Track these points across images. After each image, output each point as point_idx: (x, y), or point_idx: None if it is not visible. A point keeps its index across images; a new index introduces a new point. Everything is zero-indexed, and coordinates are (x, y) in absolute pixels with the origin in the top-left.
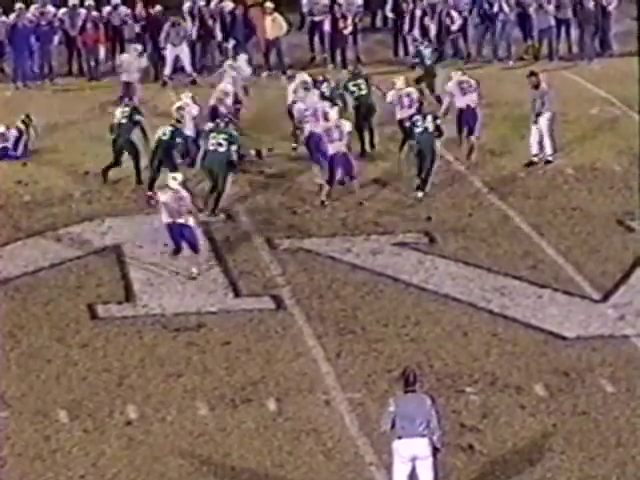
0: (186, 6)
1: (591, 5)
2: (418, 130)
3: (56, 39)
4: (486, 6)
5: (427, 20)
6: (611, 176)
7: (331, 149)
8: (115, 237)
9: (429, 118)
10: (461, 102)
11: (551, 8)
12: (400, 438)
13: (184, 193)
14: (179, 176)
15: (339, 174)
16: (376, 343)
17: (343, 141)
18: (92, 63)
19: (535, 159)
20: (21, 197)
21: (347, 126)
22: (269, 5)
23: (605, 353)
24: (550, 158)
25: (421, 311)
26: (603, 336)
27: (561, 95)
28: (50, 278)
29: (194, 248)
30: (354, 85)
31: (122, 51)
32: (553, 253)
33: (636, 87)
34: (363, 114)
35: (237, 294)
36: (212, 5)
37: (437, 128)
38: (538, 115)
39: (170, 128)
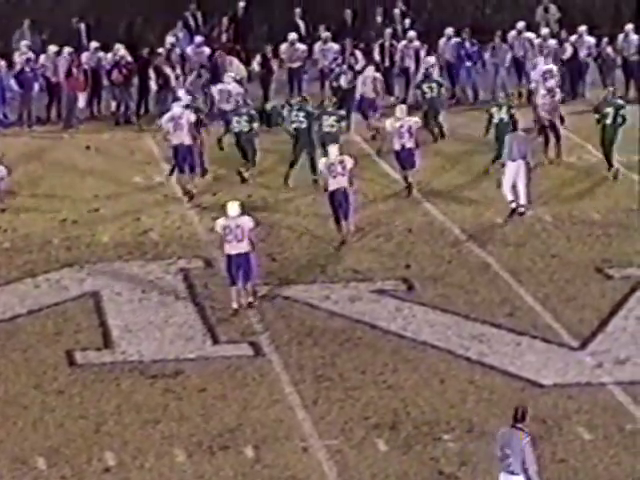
0: (165, 50)
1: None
2: None
3: (36, 86)
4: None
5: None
6: (589, 223)
7: (333, 184)
8: (94, 283)
9: None
10: (397, 144)
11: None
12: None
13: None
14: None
15: (341, 210)
16: (353, 390)
17: (345, 176)
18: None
19: (514, 205)
20: (0, 244)
21: (350, 162)
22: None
23: (582, 401)
24: (523, 210)
25: (399, 358)
26: (580, 384)
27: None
28: (28, 325)
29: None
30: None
31: (99, 98)
32: (531, 300)
33: None
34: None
35: (215, 341)
36: (189, 50)
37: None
38: (513, 161)
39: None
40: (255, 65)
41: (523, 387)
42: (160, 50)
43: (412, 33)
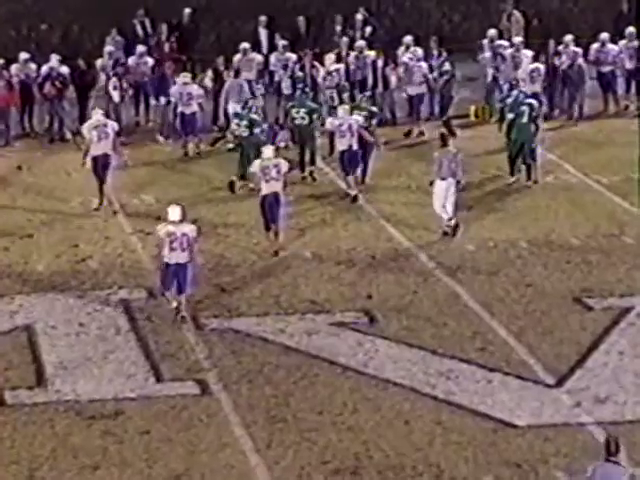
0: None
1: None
2: None
3: None
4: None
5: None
6: (568, 250)
7: (266, 189)
8: (26, 316)
9: None
10: (340, 144)
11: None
12: None
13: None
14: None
15: (270, 220)
16: (310, 432)
17: (280, 181)
18: (2, 127)
19: (452, 222)
20: None
21: (284, 165)
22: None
23: (560, 443)
24: (448, 230)
25: (359, 397)
26: (557, 424)
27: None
28: None
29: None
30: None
31: (31, 113)
32: (504, 334)
33: (593, 153)
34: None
35: (159, 379)
36: (131, 61)
37: None
38: (443, 179)
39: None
40: (207, 80)
41: (495, 428)
42: (99, 61)
43: (361, 42)
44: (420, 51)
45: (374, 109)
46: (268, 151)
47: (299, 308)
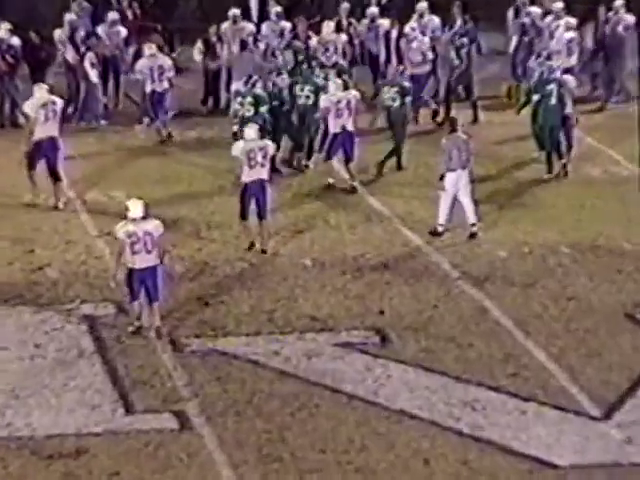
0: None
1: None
2: None
3: None
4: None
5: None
6: (619, 256)
7: (249, 175)
8: None
9: None
10: (334, 125)
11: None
12: None
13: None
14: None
15: (248, 211)
16: (310, 474)
17: (266, 167)
18: None
19: (440, 229)
20: None
21: (272, 148)
22: None
23: None
24: (475, 229)
25: (369, 432)
26: (605, 464)
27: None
28: None
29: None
30: None
31: None
32: (542, 356)
33: None
34: None
35: (129, 410)
36: (100, 31)
37: None
38: (452, 171)
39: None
40: (196, 53)
41: (531, 469)
42: (58, 31)
43: (373, 9)
44: (436, 20)
45: (407, 84)
46: (251, 131)
47: (297, 326)
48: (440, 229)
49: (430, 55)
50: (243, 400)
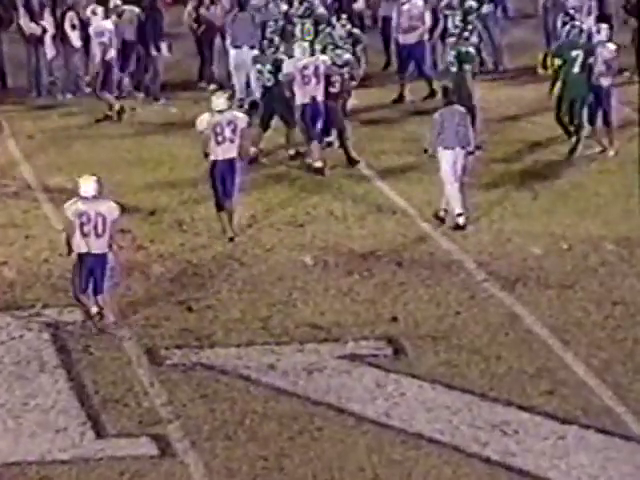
0: None
1: None
2: None
3: None
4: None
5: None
6: None
7: (218, 153)
8: None
9: None
10: (302, 95)
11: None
12: None
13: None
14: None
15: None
16: None
17: (235, 143)
18: None
19: (461, 220)
20: None
21: (243, 121)
22: None
23: None
24: (461, 221)
25: (381, 459)
26: None
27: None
28: None
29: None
30: None
31: None
32: (582, 371)
33: None
34: None
35: (100, 433)
36: None
37: None
38: (448, 148)
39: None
40: (186, 17)
41: None
42: None
43: None
44: None
45: (357, 32)
46: (220, 101)
47: (296, 335)
48: (461, 221)
49: (428, 21)
50: (233, 422)
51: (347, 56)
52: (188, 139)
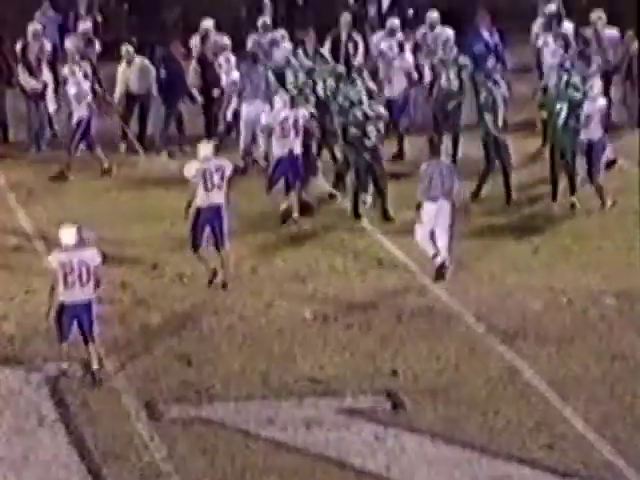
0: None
1: None
2: None
3: None
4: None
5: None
6: None
7: (205, 199)
8: None
9: None
10: (279, 147)
11: None
12: None
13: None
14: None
15: (203, 241)
16: None
17: (223, 190)
18: None
19: (439, 260)
20: None
21: (229, 168)
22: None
23: None
24: (444, 270)
25: None
26: None
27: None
28: None
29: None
30: None
31: None
32: (581, 425)
33: None
34: None
35: None
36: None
37: None
38: (434, 200)
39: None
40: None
41: None
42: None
43: (394, 22)
44: (449, 34)
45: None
46: (207, 148)
47: (295, 389)
48: (439, 260)
49: (415, 76)
50: (234, 476)
51: (381, 109)
52: (188, 194)
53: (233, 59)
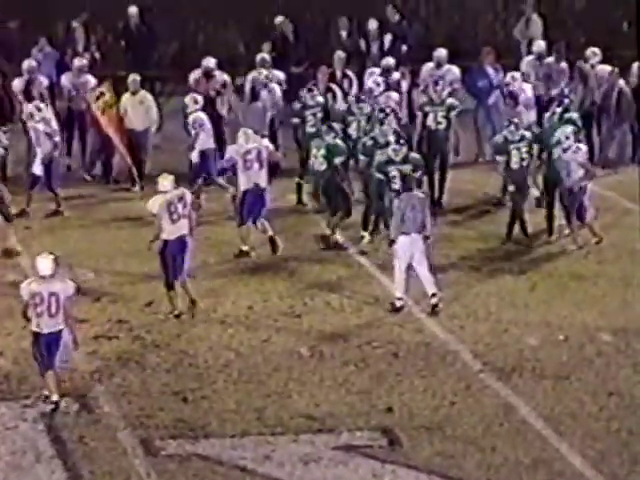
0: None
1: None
2: None
3: None
4: None
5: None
6: None
7: (171, 232)
8: None
9: None
10: (245, 181)
11: None
12: None
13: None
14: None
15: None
16: None
17: (187, 220)
18: None
19: (399, 303)
20: None
21: (189, 197)
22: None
23: None
24: (435, 301)
25: None
26: None
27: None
28: None
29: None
30: None
31: None
32: (578, 462)
33: None
34: None
35: None
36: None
37: None
38: (406, 234)
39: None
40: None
41: None
42: (17, 82)
43: (389, 60)
44: (455, 72)
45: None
46: (166, 181)
47: (291, 426)
48: (399, 304)
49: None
50: None
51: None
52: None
53: (233, 97)
